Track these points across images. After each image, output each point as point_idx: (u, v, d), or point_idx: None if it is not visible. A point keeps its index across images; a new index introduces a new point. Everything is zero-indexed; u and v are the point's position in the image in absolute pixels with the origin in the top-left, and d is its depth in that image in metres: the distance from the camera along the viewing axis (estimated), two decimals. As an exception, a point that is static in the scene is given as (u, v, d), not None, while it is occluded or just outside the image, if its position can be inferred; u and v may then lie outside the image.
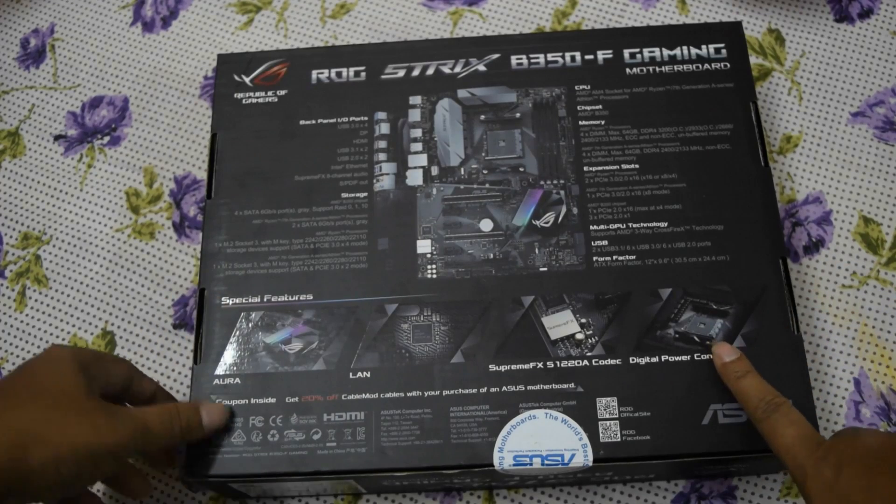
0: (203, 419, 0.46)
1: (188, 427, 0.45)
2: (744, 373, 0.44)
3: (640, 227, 0.50)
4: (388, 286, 0.49)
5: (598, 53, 0.55)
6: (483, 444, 0.45)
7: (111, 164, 0.61)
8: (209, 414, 0.46)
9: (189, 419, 0.45)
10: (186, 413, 0.45)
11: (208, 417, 0.46)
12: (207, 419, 0.46)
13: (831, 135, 0.58)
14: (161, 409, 0.44)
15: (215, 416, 0.46)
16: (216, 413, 0.47)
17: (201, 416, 0.46)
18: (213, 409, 0.47)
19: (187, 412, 0.45)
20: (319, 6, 0.65)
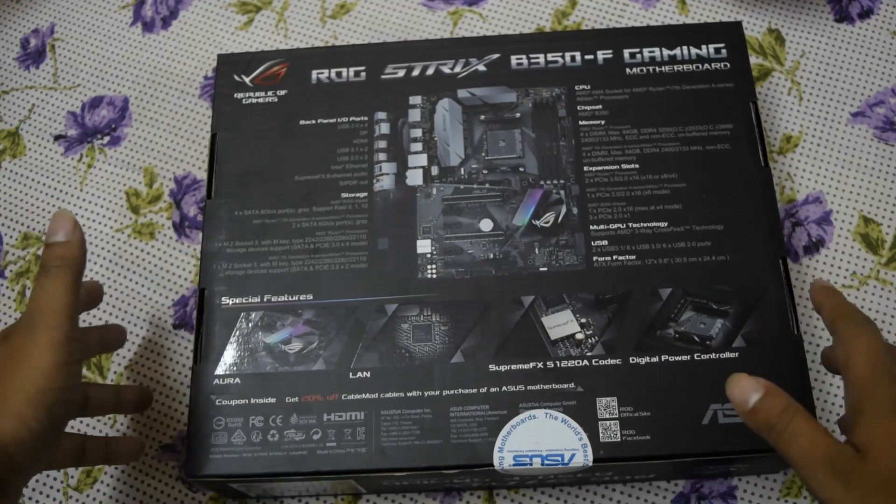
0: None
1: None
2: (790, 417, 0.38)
3: (640, 227, 0.50)
4: (388, 286, 0.49)
5: (598, 53, 0.55)
6: (483, 444, 0.45)
7: (111, 164, 0.61)
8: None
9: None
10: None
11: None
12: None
13: (831, 135, 0.59)
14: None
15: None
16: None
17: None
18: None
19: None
20: (319, 6, 0.65)
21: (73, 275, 0.41)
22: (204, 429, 0.47)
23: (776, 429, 0.38)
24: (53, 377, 0.39)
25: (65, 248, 0.42)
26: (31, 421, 0.38)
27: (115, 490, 0.52)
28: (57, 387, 0.39)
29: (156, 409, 0.54)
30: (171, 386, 0.55)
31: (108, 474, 0.53)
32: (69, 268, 0.41)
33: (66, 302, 0.40)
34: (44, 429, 0.38)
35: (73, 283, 0.41)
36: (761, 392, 0.39)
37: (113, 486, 0.53)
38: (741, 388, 0.39)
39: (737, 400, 0.39)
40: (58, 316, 0.40)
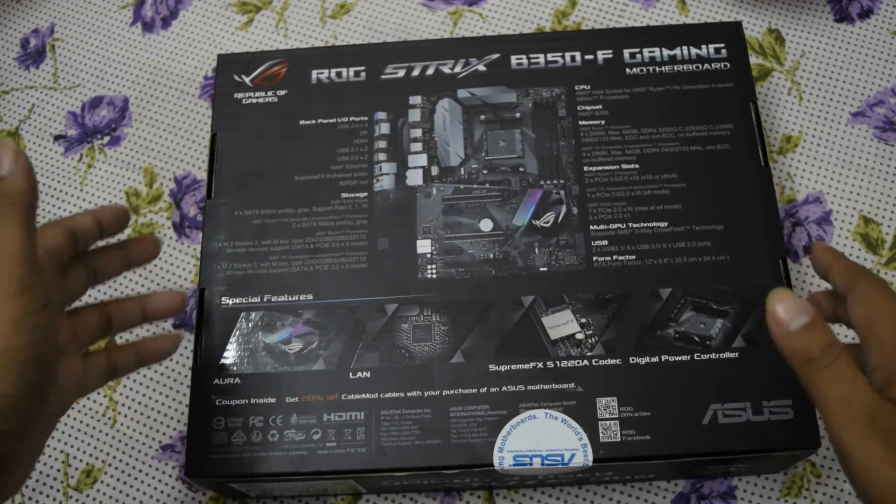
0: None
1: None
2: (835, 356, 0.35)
3: (640, 227, 0.50)
4: (388, 286, 0.49)
5: (598, 53, 0.55)
6: (483, 444, 0.45)
7: (111, 164, 0.61)
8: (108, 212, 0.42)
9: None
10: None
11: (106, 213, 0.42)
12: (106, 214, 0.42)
13: (831, 135, 0.59)
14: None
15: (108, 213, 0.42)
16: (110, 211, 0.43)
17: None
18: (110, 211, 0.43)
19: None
20: (319, 6, 0.65)
21: (21, 211, 0.35)
22: (204, 429, 0.47)
23: (816, 363, 0.35)
24: (13, 334, 0.34)
25: (7, 183, 0.35)
26: (2, 386, 0.34)
27: (115, 490, 0.52)
28: (20, 344, 0.34)
29: (156, 409, 0.54)
30: (171, 386, 0.55)
31: (108, 474, 0.53)
32: (14, 203, 0.35)
33: (16, 245, 0.35)
34: (19, 392, 0.35)
35: (23, 220, 0.35)
36: (808, 318, 0.35)
37: (113, 486, 0.53)
38: (787, 307, 0.35)
39: (778, 318, 0.35)
40: (9, 262, 0.35)
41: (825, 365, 0.34)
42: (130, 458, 0.53)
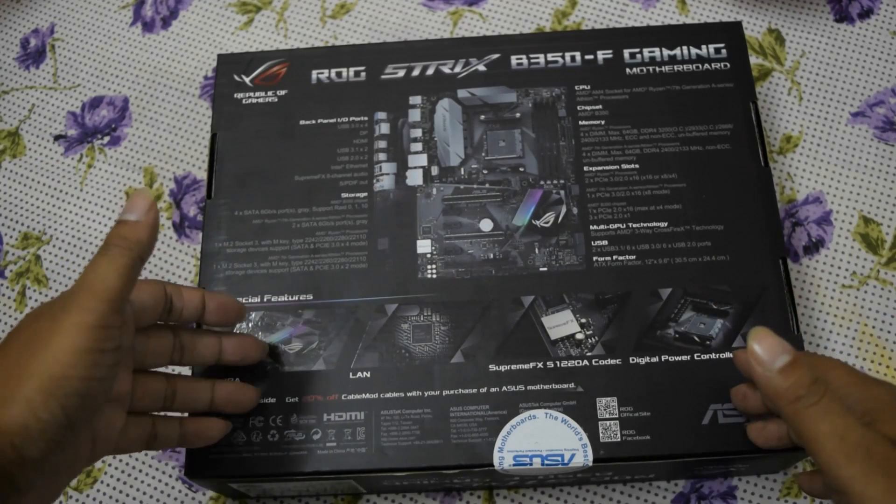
0: (209, 306, 0.42)
1: (185, 310, 0.41)
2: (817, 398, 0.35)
3: (640, 227, 0.50)
4: (388, 286, 0.49)
5: (598, 53, 0.55)
6: (483, 444, 0.45)
7: (111, 164, 0.61)
8: (221, 307, 0.43)
9: (186, 299, 0.42)
10: (186, 294, 0.42)
11: (218, 308, 0.43)
12: (217, 307, 0.43)
13: (831, 135, 0.59)
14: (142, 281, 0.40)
15: (229, 311, 0.43)
16: (229, 305, 0.43)
17: (205, 302, 0.42)
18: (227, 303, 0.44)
19: (186, 292, 0.42)
20: (319, 6, 0.65)
21: (130, 258, 0.37)
22: (204, 429, 0.47)
23: (805, 401, 0.34)
24: (71, 364, 0.34)
25: (130, 228, 0.37)
26: (41, 410, 0.34)
27: (115, 490, 0.52)
28: (74, 375, 0.34)
29: (156, 409, 0.54)
30: (171, 386, 0.55)
31: (108, 474, 0.53)
32: (128, 249, 0.37)
33: (111, 285, 0.36)
34: (55, 421, 0.34)
35: (127, 266, 0.36)
36: (790, 356, 0.35)
37: (113, 486, 0.53)
38: (769, 347, 0.36)
39: (761, 357, 0.35)
40: (96, 298, 0.35)
41: (814, 402, 0.34)
42: (130, 458, 0.53)
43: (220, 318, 0.44)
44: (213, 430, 0.45)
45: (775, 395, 0.35)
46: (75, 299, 0.35)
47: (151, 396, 0.42)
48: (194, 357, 0.44)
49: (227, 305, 0.44)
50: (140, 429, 0.42)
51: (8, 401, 0.34)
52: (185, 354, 0.44)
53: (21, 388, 0.34)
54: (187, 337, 0.44)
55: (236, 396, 0.45)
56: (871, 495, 0.33)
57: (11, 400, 0.34)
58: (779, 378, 0.35)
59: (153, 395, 0.42)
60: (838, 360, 0.39)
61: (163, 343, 0.43)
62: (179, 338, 0.43)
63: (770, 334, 0.36)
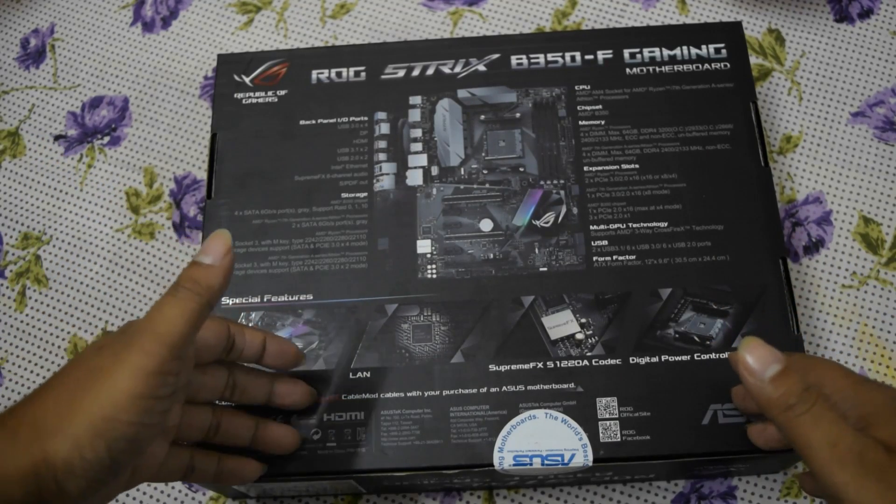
0: (271, 349, 0.42)
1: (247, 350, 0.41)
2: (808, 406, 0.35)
3: (640, 227, 0.50)
4: (388, 286, 0.49)
5: (598, 53, 0.55)
6: (483, 444, 0.45)
7: (111, 164, 0.61)
8: (281, 349, 0.43)
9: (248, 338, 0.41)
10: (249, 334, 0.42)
11: (279, 351, 0.43)
12: (278, 351, 0.43)
13: (831, 135, 0.59)
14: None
15: (287, 355, 0.43)
16: (288, 352, 0.43)
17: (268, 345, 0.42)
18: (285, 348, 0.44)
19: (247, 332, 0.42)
20: (319, 6, 0.65)
21: (199, 302, 0.36)
22: (204, 429, 0.47)
23: (796, 409, 0.34)
24: (125, 408, 0.34)
25: (203, 272, 0.37)
26: (87, 450, 0.33)
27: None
28: (126, 420, 0.34)
29: (156, 409, 0.54)
30: (171, 386, 0.54)
31: (108, 474, 0.53)
32: (198, 294, 0.36)
33: (176, 330, 0.35)
34: (99, 462, 0.34)
35: (195, 311, 0.36)
36: (780, 365, 0.35)
37: (113, 486, 0.53)
38: (760, 356, 0.36)
39: (751, 367, 0.35)
40: (159, 342, 0.35)
41: (805, 410, 0.34)
42: (130, 458, 0.53)
43: (278, 362, 0.44)
44: (248, 472, 0.44)
45: (767, 404, 0.36)
46: (138, 340, 0.35)
47: (196, 428, 0.42)
48: (244, 397, 0.44)
49: (287, 351, 0.44)
50: (179, 461, 0.42)
51: (56, 434, 0.34)
52: (235, 393, 0.44)
53: (71, 425, 0.34)
54: (241, 376, 0.44)
55: (279, 440, 0.45)
56: (864, 501, 0.33)
57: (60, 434, 0.34)
58: (770, 387, 0.35)
59: (198, 427, 0.42)
60: (835, 363, 0.39)
61: (217, 380, 0.43)
62: (233, 376, 0.43)
63: (760, 344, 0.36)
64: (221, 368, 0.43)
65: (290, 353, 0.44)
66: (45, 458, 0.33)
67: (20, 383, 0.55)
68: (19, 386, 0.55)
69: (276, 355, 0.44)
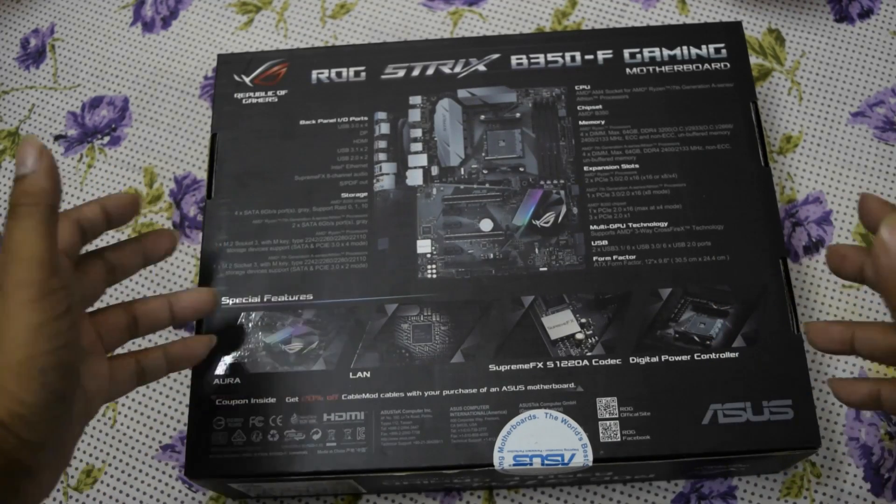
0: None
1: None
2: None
3: (640, 227, 0.50)
4: (388, 286, 0.49)
5: (598, 53, 0.55)
6: (483, 444, 0.45)
7: (111, 164, 0.61)
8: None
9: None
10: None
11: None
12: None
13: (831, 135, 0.59)
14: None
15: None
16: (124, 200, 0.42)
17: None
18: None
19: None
20: (319, 6, 0.65)
21: (42, 213, 0.34)
22: (204, 429, 0.47)
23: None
24: (33, 342, 0.33)
25: (29, 182, 0.34)
26: (24, 395, 0.33)
27: (115, 490, 0.52)
28: (40, 352, 0.33)
29: (156, 409, 0.54)
30: (171, 386, 0.55)
31: (108, 474, 0.53)
32: (36, 204, 0.34)
33: (38, 248, 0.34)
34: (41, 401, 0.34)
35: (43, 222, 0.34)
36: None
37: (113, 486, 0.53)
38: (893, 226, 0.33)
39: (891, 248, 0.33)
40: (28, 267, 0.34)
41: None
42: (130, 458, 0.53)
43: (121, 212, 0.42)
44: (199, 348, 0.45)
45: (887, 276, 0.33)
46: (9, 277, 0.34)
47: (116, 328, 0.42)
48: (125, 272, 0.43)
49: (121, 198, 0.42)
50: (125, 369, 0.42)
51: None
52: (117, 272, 0.43)
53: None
54: (112, 254, 0.43)
55: (195, 303, 0.44)
56: None
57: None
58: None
59: (118, 328, 0.42)
60: None
61: (96, 272, 0.41)
62: (106, 260, 0.42)
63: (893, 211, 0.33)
64: (93, 258, 0.42)
65: (127, 200, 0.42)
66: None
67: (20, 383, 0.55)
68: (19, 386, 0.55)
69: (117, 209, 0.42)
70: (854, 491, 0.50)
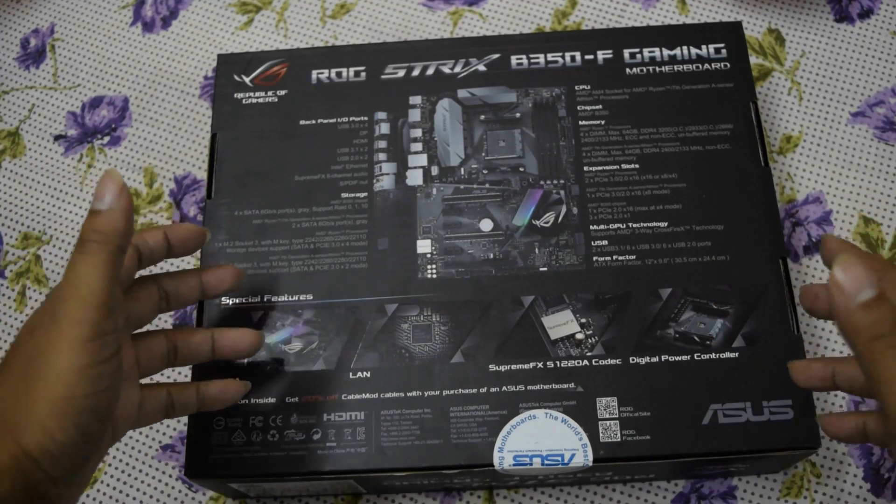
0: (171, 238, 0.40)
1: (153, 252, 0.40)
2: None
3: (640, 227, 0.50)
4: (388, 286, 0.49)
5: (598, 53, 0.55)
6: (483, 444, 0.45)
7: (111, 164, 0.61)
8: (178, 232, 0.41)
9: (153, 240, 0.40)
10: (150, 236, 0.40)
11: (175, 235, 0.41)
12: (175, 237, 0.41)
13: (831, 135, 0.59)
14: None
15: (182, 234, 0.41)
16: (186, 231, 0.41)
17: (167, 237, 0.40)
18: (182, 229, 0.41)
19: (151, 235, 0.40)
20: (319, 6, 0.65)
21: (109, 253, 0.34)
22: (204, 429, 0.47)
23: (884, 341, 0.32)
24: (75, 384, 0.34)
25: (103, 220, 0.35)
26: (56, 433, 0.33)
27: (115, 490, 0.52)
28: (80, 394, 0.34)
29: (156, 409, 0.54)
30: (171, 386, 0.55)
31: (109, 474, 0.53)
32: (106, 244, 0.34)
33: (97, 288, 0.34)
34: (72, 441, 0.34)
35: (109, 262, 0.34)
36: (875, 291, 0.32)
37: (113, 486, 0.53)
38: (854, 277, 0.33)
39: (844, 287, 0.33)
40: (85, 307, 0.34)
41: (895, 343, 0.32)
42: (130, 458, 0.53)
43: (186, 246, 0.42)
44: (234, 394, 0.43)
45: (852, 330, 0.33)
46: (65, 311, 0.34)
47: (156, 357, 0.41)
48: (179, 301, 0.43)
49: (189, 232, 0.42)
50: (156, 400, 0.41)
51: (24, 426, 0.33)
52: (171, 301, 0.42)
53: (33, 414, 0.33)
54: (168, 282, 0.42)
55: (237, 343, 0.43)
56: None
57: (27, 425, 0.33)
58: (860, 312, 0.32)
59: (157, 356, 0.41)
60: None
61: (150, 299, 0.41)
62: (161, 286, 0.42)
63: (858, 264, 0.33)
64: (148, 284, 0.41)
65: (193, 233, 0.42)
66: (23, 451, 0.33)
67: (20, 383, 0.55)
68: (19, 386, 0.55)
69: (181, 241, 0.42)
70: (854, 491, 0.50)
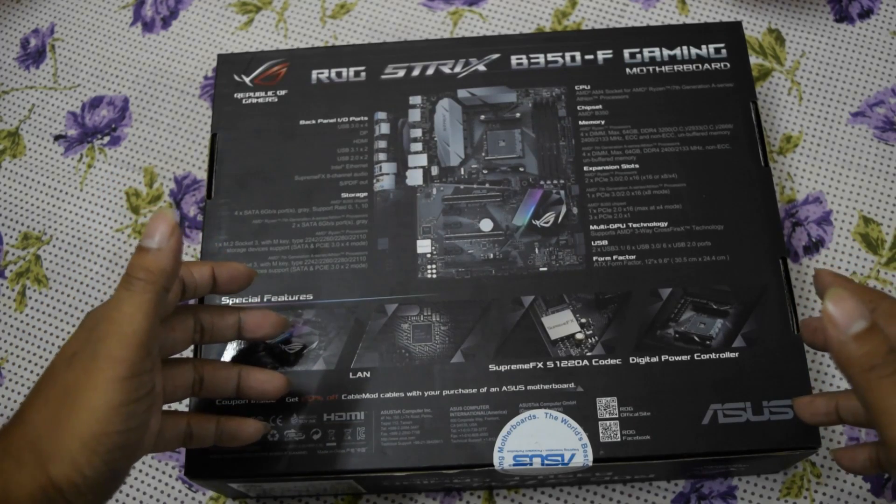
0: (220, 278, 0.40)
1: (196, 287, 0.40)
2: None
3: (640, 226, 0.50)
4: (388, 286, 0.49)
5: (598, 53, 0.55)
6: (483, 444, 0.45)
7: (111, 164, 0.61)
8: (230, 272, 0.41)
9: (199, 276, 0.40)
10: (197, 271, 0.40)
11: (229, 275, 0.41)
12: (228, 276, 0.41)
13: (831, 135, 0.59)
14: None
15: (233, 275, 0.41)
16: (234, 271, 0.41)
17: (214, 275, 0.40)
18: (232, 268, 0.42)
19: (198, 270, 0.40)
20: (319, 6, 0.65)
21: (154, 293, 0.35)
22: (204, 429, 0.47)
23: (878, 371, 0.33)
24: (109, 421, 0.34)
25: (152, 259, 0.35)
26: (85, 468, 0.34)
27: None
28: (113, 431, 0.34)
29: (156, 409, 0.54)
30: (171, 386, 0.54)
31: (108, 474, 0.53)
32: (152, 283, 0.35)
33: (140, 327, 0.34)
34: (99, 477, 0.34)
35: (153, 302, 0.35)
36: (867, 322, 0.33)
37: (113, 486, 0.53)
38: (846, 310, 0.33)
39: (836, 320, 0.33)
40: (125, 345, 0.34)
41: (888, 373, 0.33)
42: (130, 458, 0.53)
43: (232, 286, 0.42)
44: (249, 431, 0.44)
45: (847, 362, 0.33)
46: (106, 348, 0.34)
47: (181, 386, 0.42)
48: (214, 335, 0.43)
49: (237, 272, 0.42)
50: (176, 429, 0.41)
51: (54, 457, 0.34)
52: (205, 334, 0.43)
53: (64, 446, 0.34)
54: (206, 315, 0.42)
55: (262, 385, 0.44)
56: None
57: (58, 456, 0.34)
58: (853, 344, 0.33)
59: (182, 385, 0.42)
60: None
61: (184, 329, 0.41)
62: (198, 318, 0.42)
63: (847, 296, 0.33)
64: (186, 316, 0.41)
65: (241, 273, 0.42)
66: (51, 482, 0.34)
67: (20, 383, 0.55)
68: (19, 386, 0.55)
69: (228, 280, 0.42)
70: (854, 491, 0.50)
